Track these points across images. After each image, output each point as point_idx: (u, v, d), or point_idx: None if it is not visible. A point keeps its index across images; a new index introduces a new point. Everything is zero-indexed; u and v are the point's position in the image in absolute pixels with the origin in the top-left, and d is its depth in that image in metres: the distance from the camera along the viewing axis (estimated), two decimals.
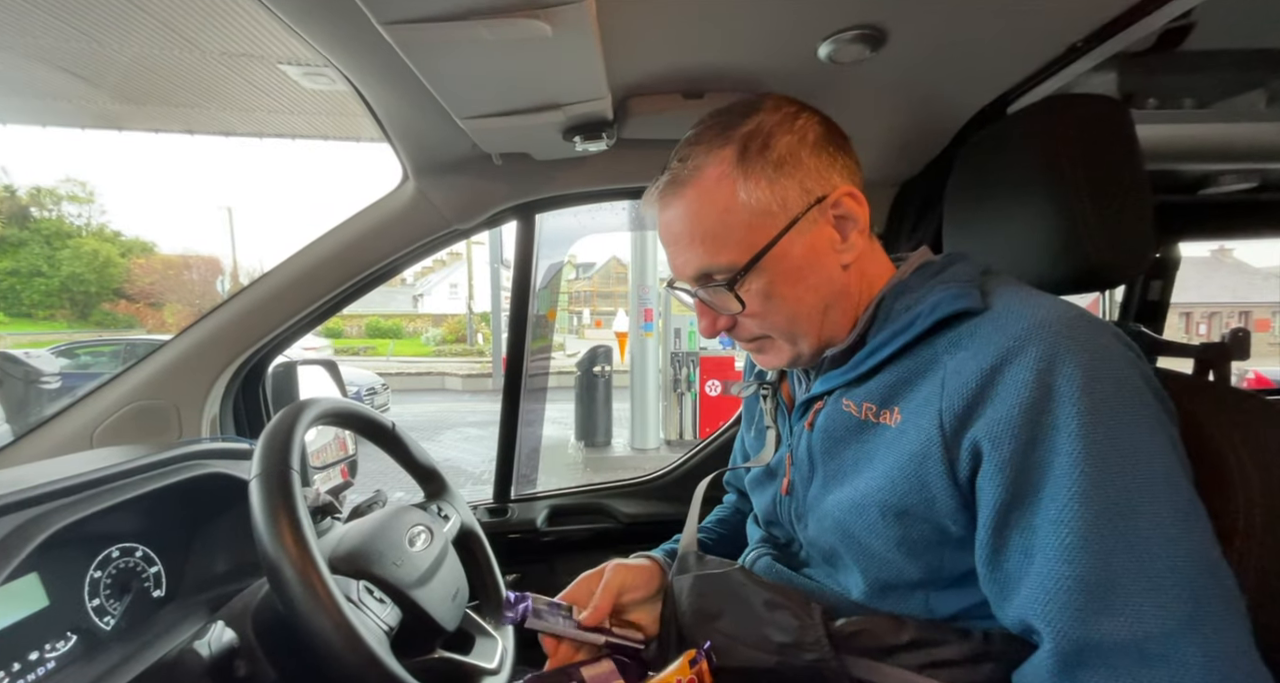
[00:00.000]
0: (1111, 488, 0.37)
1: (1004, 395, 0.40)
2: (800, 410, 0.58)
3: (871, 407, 0.49)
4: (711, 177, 0.49)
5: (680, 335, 5.57)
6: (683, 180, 0.51)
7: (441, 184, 0.98)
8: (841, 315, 0.53)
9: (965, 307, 0.45)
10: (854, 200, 0.50)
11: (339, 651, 0.45)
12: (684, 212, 0.51)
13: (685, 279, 0.54)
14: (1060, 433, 0.38)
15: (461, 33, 0.56)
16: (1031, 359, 0.40)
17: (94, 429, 0.88)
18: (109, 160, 42.78)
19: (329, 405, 0.63)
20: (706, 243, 0.50)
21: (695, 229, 0.50)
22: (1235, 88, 0.84)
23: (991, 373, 0.41)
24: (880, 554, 0.47)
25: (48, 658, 0.52)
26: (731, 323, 0.54)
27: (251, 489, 0.50)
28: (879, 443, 0.48)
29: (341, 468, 1.23)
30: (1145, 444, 0.38)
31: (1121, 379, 0.40)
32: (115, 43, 2.88)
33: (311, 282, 0.98)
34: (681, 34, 0.68)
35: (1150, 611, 0.36)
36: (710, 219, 0.50)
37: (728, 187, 0.49)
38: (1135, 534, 0.36)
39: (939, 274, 0.51)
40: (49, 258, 21.45)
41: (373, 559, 0.58)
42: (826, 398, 0.54)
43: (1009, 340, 0.41)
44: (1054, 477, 0.38)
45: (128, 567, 0.62)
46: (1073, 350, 0.40)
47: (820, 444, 0.53)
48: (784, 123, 0.50)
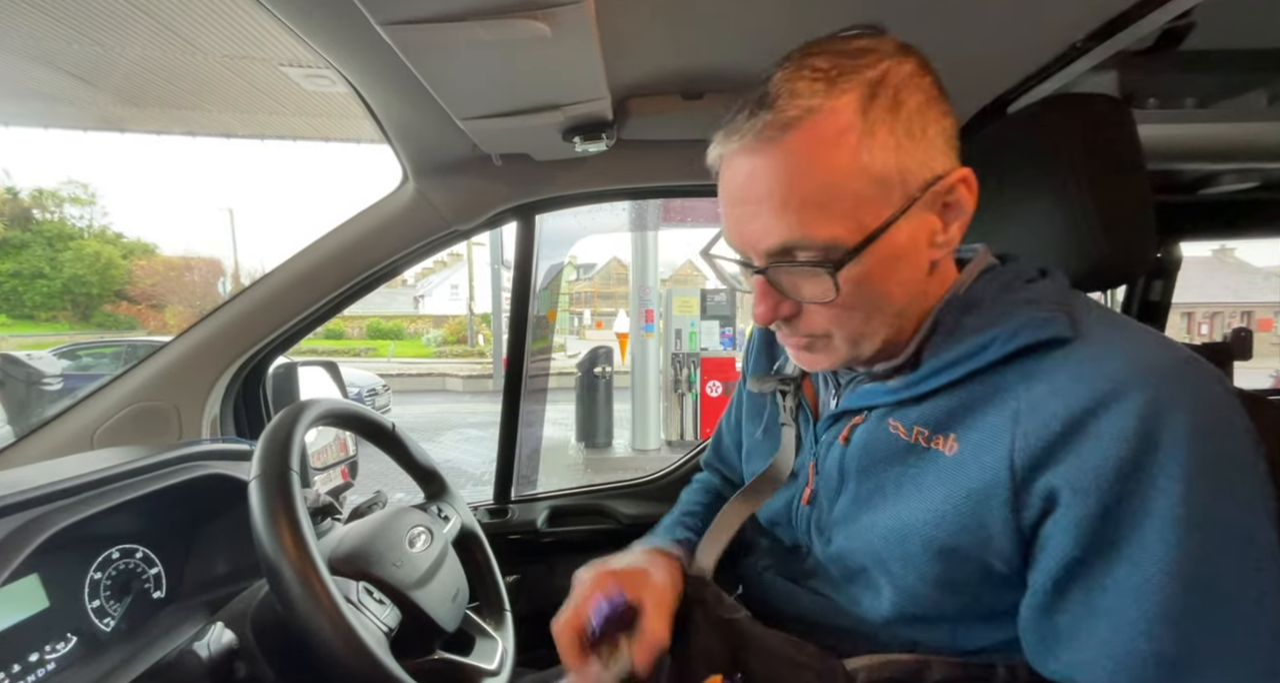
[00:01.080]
0: (1208, 565, 0.33)
1: (1096, 443, 0.35)
2: (830, 422, 0.53)
3: (923, 431, 0.44)
4: (830, 125, 0.38)
5: (681, 336, 5.57)
6: (788, 123, 0.39)
7: (441, 185, 0.98)
8: (907, 325, 0.46)
9: (1053, 336, 0.39)
10: (967, 187, 0.42)
11: (338, 652, 0.45)
12: (782, 164, 0.39)
13: (755, 250, 0.43)
14: (1158, 495, 0.34)
15: (461, 34, 0.56)
16: (1134, 407, 0.35)
17: (94, 430, 0.88)
18: (111, 163, 42.90)
19: (329, 406, 0.63)
20: (805, 210, 0.39)
21: (794, 189, 0.39)
22: (1236, 87, 0.84)
23: (1083, 416, 0.36)
24: (913, 586, 0.44)
25: (48, 659, 0.52)
26: (795, 311, 0.45)
27: (251, 490, 0.50)
28: (930, 471, 0.43)
29: (342, 469, 1.23)
30: (1252, 516, 0.34)
31: (1232, 438, 0.35)
32: (117, 46, 2.89)
33: (312, 283, 0.98)
34: (681, 35, 0.68)
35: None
36: (818, 180, 0.39)
37: (849, 143, 0.38)
38: (1227, 615, 0.33)
39: (1011, 288, 0.44)
40: (51, 260, 21.50)
41: (372, 560, 0.58)
42: (867, 413, 0.49)
43: (1107, 382, 0.36)
44: (1142, 542, 0.34)
45: (128, 568, 0.62)
46: (1182, 402, 0.35)
47: (857, 461, 0.48)
48: (913, 77, 0.40)
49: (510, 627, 0.74)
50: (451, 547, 0.70)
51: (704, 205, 2.91)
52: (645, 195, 1.15)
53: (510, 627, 0.74)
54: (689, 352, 5.55)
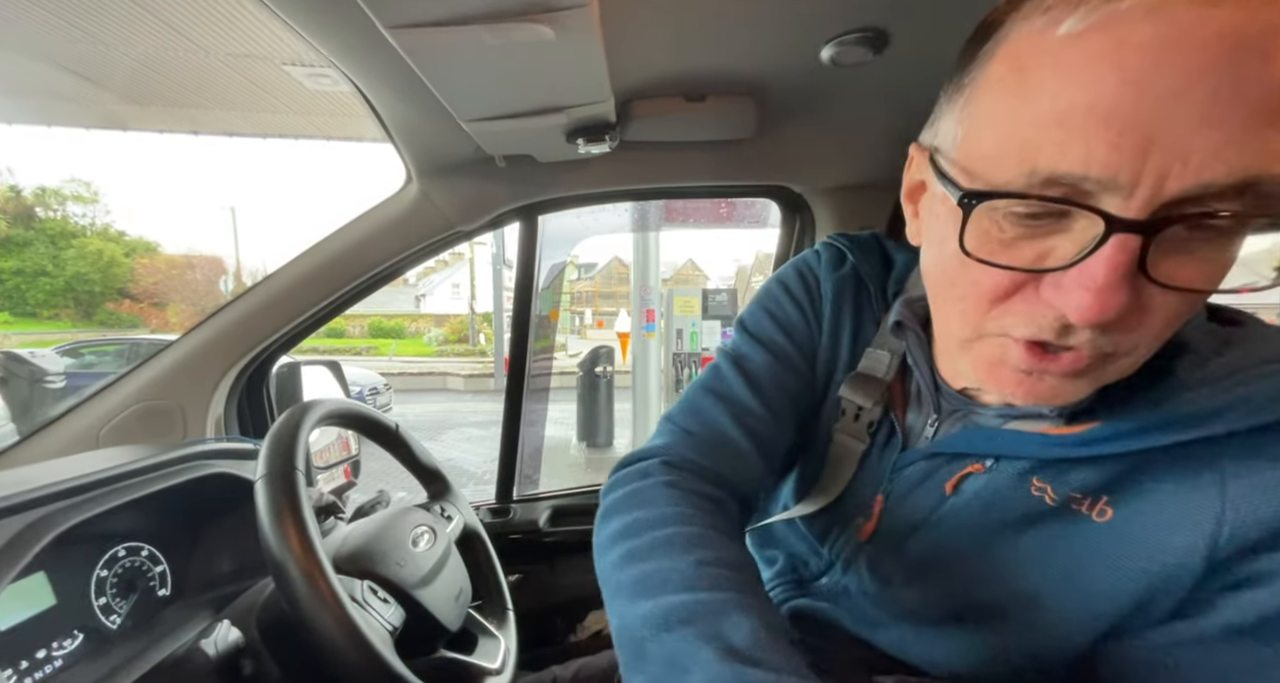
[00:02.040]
0: None
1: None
2: (925, 456, 0.43)
3: (1077, 496, 0.35)
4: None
5: (682, 336, 5.57)
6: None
7: (445, 186, 0.99)
8: None
9: None
10: None
11: (343, 650, 0.46)
12: None
13: (1188, 181, 0.25)
14: None
15: (465, 37, 0.57)
16: None
17: (100, 429, 0.88)
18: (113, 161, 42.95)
19: (333, 406, 0.63)
20: None
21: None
22: None
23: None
24: (992, 654, 0.38)
25: (55, 656, 0.53)
26: (1133, 310, 0.28)
27: (257, 490, 0.50)
28: (1076, 539, 0.35)
29: (344, 468, 1.24)
30: None
31: None
32: (121, 44, 2.90)
33: (315, 283, 0.98)
34: (684, 38, 0.69)
35: None
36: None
37: None
38: None
39: (1229, 337, 0.35)
40: (54, 258, 21.55)
41: (376, 559, 0.58)
42: (994, 462, 0.39)
43: None
44: None
45: (133, 566, 0.63)
46: None
47: (963, 517, 0.40)
48: None
49: (513, 626, 0.74)
50: (454, 546, 0.70)
51: (706, 206, 2.92)
52: (647, 196, 1.15)
53: (513, 626, 0.74)
54: (690, 352, 5.55)
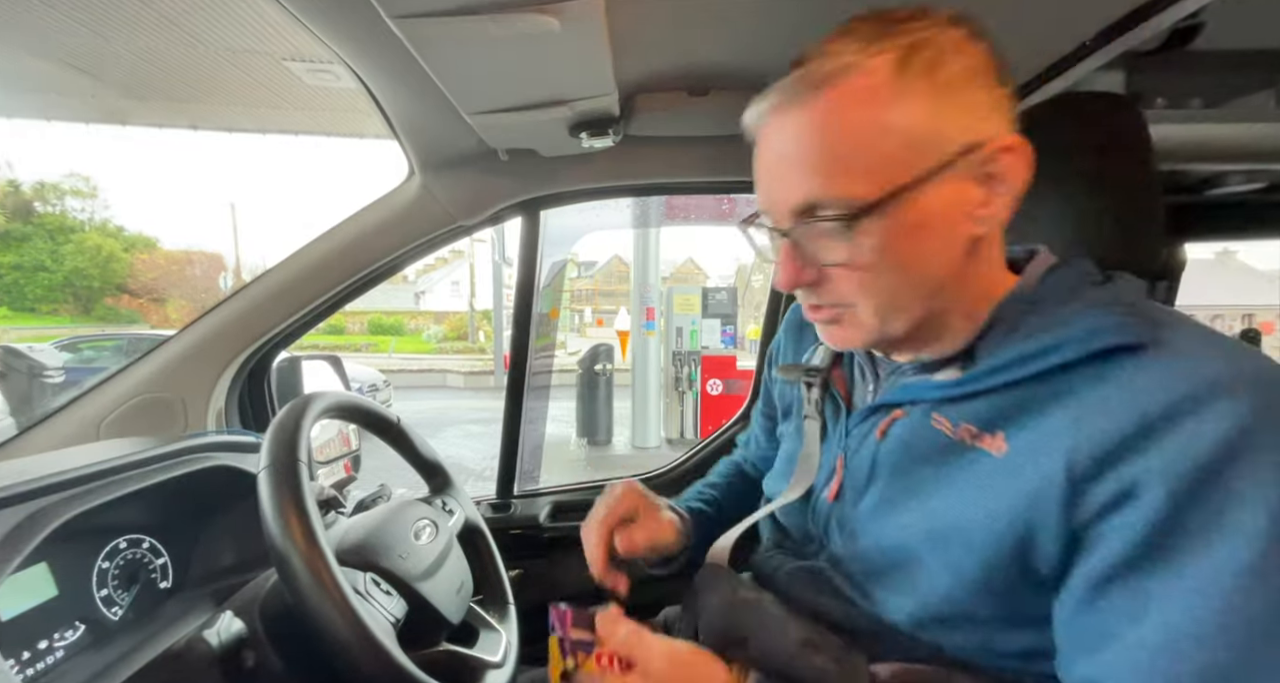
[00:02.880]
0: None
1: (1173, 445, 0.33)
2: (867, 413, 0.50)
3: (970, 428, 0.42)
4: (860, 84, 0.38)
5: (682, 334, 5.57)
6: (820, 81, 0.39)
7: (447, 180, 0.98)
8: (951, 310, 0.44)
9: (1132, 340, 0.37)
10: (1016, 157, 0.40)
11: (347, 641, 0.46)
12: (810, 122, 0.40)
13: (780, 211, 0.42)
14: (1239, 506, 0.32)
15: (471, 28, 0.56)
16: (1225, 413, 0.32)
17: (101, 421, 0.88)
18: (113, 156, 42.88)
19: (336, 399, 0.63)
20: (828, 166, 0.39)
21: (820, 147, 0.39)
22: (1244, 88, 0.84)
23: (1161, 421, 0.34)
24: (948, 588, 0.41)
25: (56, 647, 0.53)
26: (817, 279, 0.44)
27: (260, 481, 0.50)
28: (976, 471, 0.41)
29: (345, 463, 1.24)
30: None
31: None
32: (120, 38, 2.89)
33: (317, 277, 0.98)
34: (689, 31, 0.68)
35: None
36: (845, 137, 0.39)
37: (880, 101, 0.38)
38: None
39: (1079, 289, 0.43)
40: (52, 253, 21.50)
41: (379, 552, 0.58)
42: (910, 408, 0.46)
43: (1191, 387, 0.34)
44: (1209, 552, 0.32)
45: (135, 558, 0.63)
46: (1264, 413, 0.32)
47: (891, 458, 0.46)
48: (958, 43, 0.40)
49: (514, 620, 0.74)
50: (456, 540, 0.70)
51: (706, 203, 2.91)
52: (650, 192, 1.15)
53: (514, 620, 0.74)
54: (690, 350, 5.55)
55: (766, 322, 1.32)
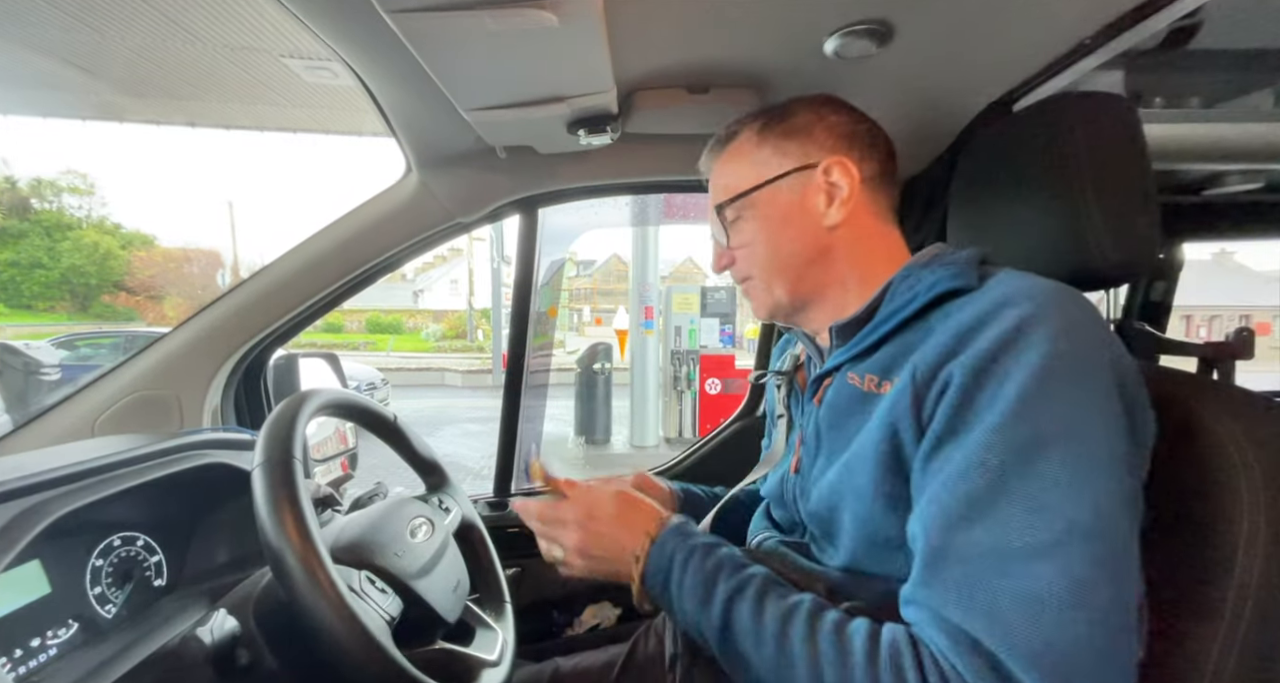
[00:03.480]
0: (1028, 444, 0.39)
1: (975, 345, 0.43)
2: (812, 388, 0.60)
3: (874, 378, 0.51)
4: (741, 137, 0.62)
5: (680, 333, 5.57)
6: (722, 141, 0.65)
7: (445, 177, 0.98)
8: (828, 283, 0.59)
9: (961, 285, 0.49)
10: (844, 170, 0.56)
11: (342, 639, 0.45)
12: (718, 163, 0.65)
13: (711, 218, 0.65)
14: (1007, 381, 0.41)
15: (468, 23, 0.56)
16: (1008, 318, 0.43)
17: (95, 418, 0.88)
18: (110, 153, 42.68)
19: (331, 396, 0.63)
20: (722, 184, 0.63)
21: (720, 174, 0.64)
22: (1242, 87, 0.84)
23: (968, 331, 0.44)
24: (866, 512, 0.49)
25: (49, 645, 0.53)
26: (733, 260, 0.63)
27: (254, 478, 0.49)
28: (873, 412, 0.50)
29: (341, 461, 1.23)
30: (1084, 414, 0.40)
31: (1088, 347, 0.42)
32: (117, 35, 2.87)
33: (314, 274, 0.97)
34: (688, 28, 0.68)
35: (1021, 526, 0.38)
36: (729, 167, 0.63)
37: (748, 145, 0.61)
38: (1022, 489, 0.39)
39: (937, 259, 0.54)
40: (49, 250, 21.41)
41: (375, 550, 0.58)
42: (835, 374, 0.57)
43: (991, 304, 0.45)
44: (984, 415, 0.41)
45: (129, 555, 0.62)
46: (1049, 316, 0.42)
47: (826, 418, 0.56)
48: (810, 107, 0.60)
49: (510, 619, 0.74)
50: (453, 538, 0.70)
51: (706, 202, 2.92)
52: (649, 190, 1.15)
53: (510, 619, 0.74)
54: (688, 349, 5.54)
55: (764, 323, 1.32)
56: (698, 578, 0.49)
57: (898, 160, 0.61)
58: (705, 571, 0.50)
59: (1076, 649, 0.36)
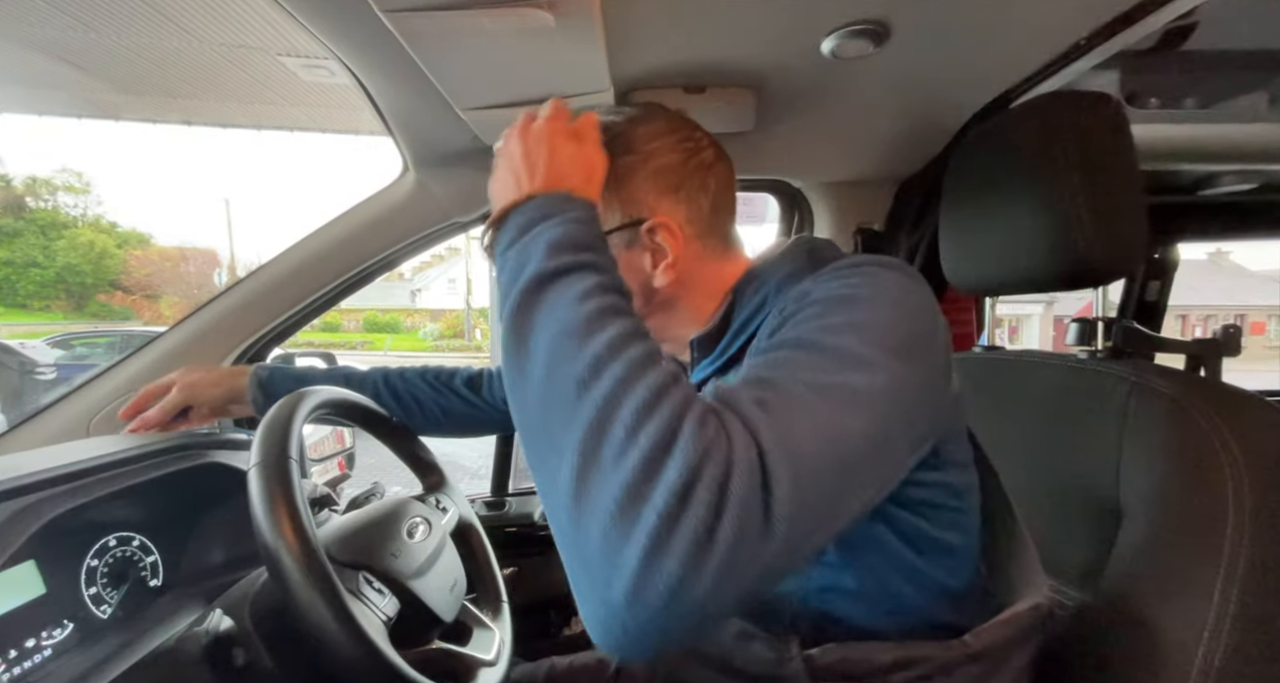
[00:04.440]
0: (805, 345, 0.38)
1: (795, 297, 0.43)
2: None
3: None
4: None
5: None
6: None
7: (442, 176, 0.98)
8: (680, 324, 0.56)
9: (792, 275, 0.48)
10: (668, 233, 0.51)
11: (338, 640, 0.45)
12: None
13: None
14: (809, 304, 0.41)
15: (464, 22, 0.56)
16: (820, 279, 0.44)
17: (91, 418, 0.87)
18: (105, 151, 42.51)
19: (328, 396, 0.63)
20: None
21: None
22: (1237, 88, 0.84)
23: (794, 298, 0.44)
24: None
25: (44, 646, 0.52)
26: None
27: (250, 478, 0.49)
28: None
29: (339, 461, 1.23)
30: (887, 322, 0.39)
31: (896, 285, 0.42)
32: (113, 32, 2.86)
33: (311, 273, 0.97)
34: (685, 27, 0.68)
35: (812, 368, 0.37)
36: None
37: None
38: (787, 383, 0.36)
39: (772, 257, 0.54)
40: (44, 248, 21.31)
41: (371, 550, 0.58)
42: (703, 388, 0.54)
43: (816, 277, 0.45)
44: (784, 333, 0.40)
45: (125, 556, 0.62)
46: (857, 269, 0.43)
47: None
48: (640, 143, 0.52)
49: (508, 618, 0.74)
50: (450, 538, 0.70)
51: None
52: None
53: (508, 618, 0.74)
54: None
55: None
56: (553, 239, 0.40)
57: (893, 160, 0.61)
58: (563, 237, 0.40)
59: None
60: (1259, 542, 0.43)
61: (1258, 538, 0.43)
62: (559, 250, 0.38)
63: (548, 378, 0.34)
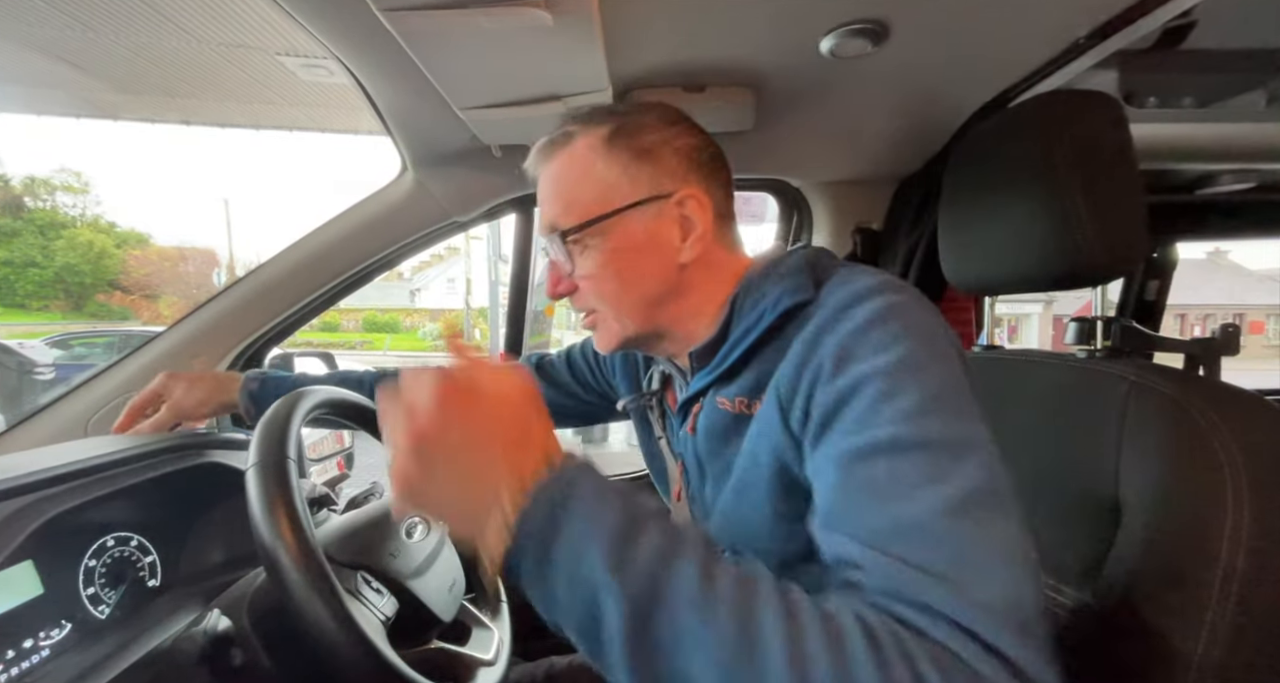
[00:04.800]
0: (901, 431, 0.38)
1: (819, 356, 0.43)
2: (681, 415, 0.59)
3: (743, 400, 0.51)
4: (581, 145, 0.54)
5: None
6: (558, 144, 0.55)
7: (440, 175, 0.98)
8: (680, 316, 0.55)
9: (801, 298, 0.48)
10: (698, 204, 0.53)
11: (336, 640, 0.45)
12: (552, 171, 0.55)
13: (543, 231, 0.57)
14: (865, 385, 0.40)
15: (462, 21, 0.56)
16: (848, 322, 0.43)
17: (89, 418, 0.87)
18: (104, 151, 42.46)
19: (327, 395, 0.63)
20: (560, 201, 0.54)
21: (556, 187, 0.55)
22: (1235, 87, 0.84)
23: (814, 342, 0.44)
24: (768, 535, 0.48)
25: (42, 646, 0.52)
26: (573, 288, 0.56)
27: (248, 478, 0.49)
28: (749, 434, 0.50)
29: (338, 460, 1.23)
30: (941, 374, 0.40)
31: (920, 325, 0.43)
32: (111, 32, 2.85)
33: (309, 272, 0.97)
34: (684, 26, 0.68)
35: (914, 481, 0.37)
36: (569, 181, 0.54)
37: (591, 158, 0.53)
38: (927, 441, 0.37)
39: (772, 269, 0.53)
40: (43, 248, 21.28)
41: (370, 550, 0.58)
42: (703, 399, 0.56)
43: (832, 313, 0.45)
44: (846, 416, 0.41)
45: (123, 556, 0.62)
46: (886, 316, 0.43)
47: (703, 445, 0.55)
48: (660, 124, 0.54)
49: (507, 618, 0.74)
50: (448, 538, 0.70)
51: None
52: None
53: (507, 618, 0.74)
54: None
55: None
56: (608, 528, 0.33)
57: (892, 160, 0.61)
58: (622, 518, 0.33)
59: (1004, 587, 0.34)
60: (1258, 541, 0.43)
61: (1256, 537, 0.43)
62: (623, 563, 0.32)
63: None
